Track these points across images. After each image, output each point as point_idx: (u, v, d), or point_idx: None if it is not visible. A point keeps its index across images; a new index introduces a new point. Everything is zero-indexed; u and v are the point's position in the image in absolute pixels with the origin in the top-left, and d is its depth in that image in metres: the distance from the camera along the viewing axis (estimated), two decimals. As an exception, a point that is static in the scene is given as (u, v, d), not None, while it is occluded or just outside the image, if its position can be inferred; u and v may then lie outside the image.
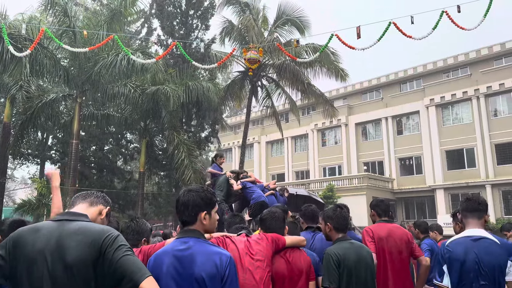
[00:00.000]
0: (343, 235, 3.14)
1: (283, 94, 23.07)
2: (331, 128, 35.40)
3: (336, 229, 3.15)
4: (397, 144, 31.23)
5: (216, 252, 2.04)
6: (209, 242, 2.12)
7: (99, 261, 1.68)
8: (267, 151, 40.25)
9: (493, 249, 2.70)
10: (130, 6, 16.77)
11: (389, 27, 7.95)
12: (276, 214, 3.09)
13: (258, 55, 7.74)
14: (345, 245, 3.04)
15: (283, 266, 2.88)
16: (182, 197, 2.16)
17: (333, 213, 3.19)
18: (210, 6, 20.96)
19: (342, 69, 21.92)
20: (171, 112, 16.51)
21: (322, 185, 29.67)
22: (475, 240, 2.76)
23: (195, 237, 2.08)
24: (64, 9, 14.73)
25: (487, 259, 2.67)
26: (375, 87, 34.43)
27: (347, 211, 3.27)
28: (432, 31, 8.00)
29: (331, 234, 3.18)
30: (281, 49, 11.00)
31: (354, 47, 8.05)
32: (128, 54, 9.26)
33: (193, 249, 2.02)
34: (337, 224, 3.14)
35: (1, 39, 11.95)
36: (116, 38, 9.37)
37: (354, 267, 2.92)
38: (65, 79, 15.87)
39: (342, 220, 3.16)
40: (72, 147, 15.93)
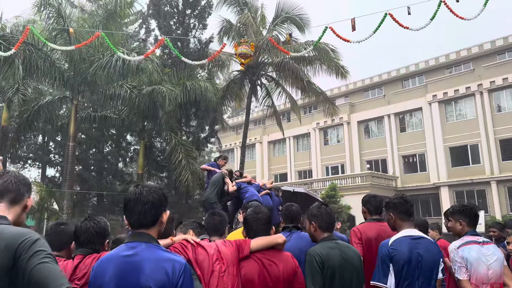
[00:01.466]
0: (328, 235, 2.86)
1: (283, 93, 22.80)
2: (333, 126, 35.05)
3: (321, 228, 2.87)
4: (400, 141, 30.85)
5: (168, 258, 1.79)
6: (162, 248, 1.86)
7: (14, 270, 1.42)
8: (269, 151, 39.97)
9: (432, 248, 2.85)
10: (125, 7, 16.60)
11: (385, 18, 7.68)
12: (260, 215, 2.82)
13: (250, 49, 7.50)
14: (329, 244, 2.77)
15: (254, 270, 2.58)
16: (143, 195, 1.88)
17: (317, 211, 2.92)
18: (207, 5, 20.73)
19: (342, 66, 21.64)
20: (168, 112, 16.30)
21: (325, 184, 29.34)
22: (416, 239, 2.86)
23: (145, 241, 1.83)
24: (58, 10, 14.56)
25: (427, 257, 2.78)
26: (377, 84, 34.06)
27: (332, 209, 2.99)
28: (430, 21, 7.70)
29: (316, 233, 2.91)
30: (274, 43, 10.76)
31: (349, 40, 7.79)
32: (116, 51, 9.04)
33: (142, 255, 1.76)
34: (322, 222, 2.87)
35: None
36: (103, 35, 9.16)
37: (338, 268, 2.65)
38: (60, 81, 15.72)
39: (327, 218, 2.88)
40: (68, 149, 15.77)
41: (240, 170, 8.24)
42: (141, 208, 1.85)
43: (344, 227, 27.89)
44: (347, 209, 27.52)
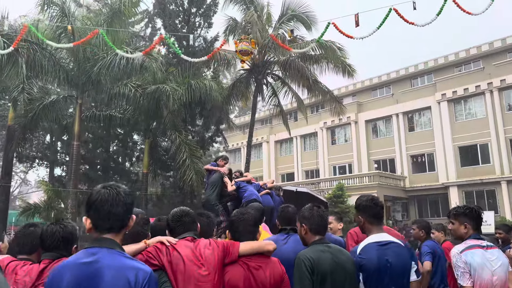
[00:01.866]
0: (320, 238, 2.69)
1: (289, 92, 22.62)
2: (340, 126, 34.75)
3: (312, 230, 2.69)
4: (409, 141, 30.47)
5: (132, 266, 1.63)
6: (125, 255, 1.69)
7: None
8: (276, 151, 39.77)
9: (401, 253, 2.73)
10: (130, 6, 16.48)
11: (390, 13, 7.46)
12: (246, 216, 2.67)
13: (251, 46, 7.33)
14: (320, 248, 2.60)
15: (239, 276, 2.41)
16: (121, 196, 1.74)
17: (309, 212, 2.74)
18: (213, 4, 20.62)
19: (349, 65, 21.39)
20: (173, 111, 16.19)
21: (332, 184, 29.07)
22: (384, 245, 2.74)
23: (107, 247, 1.67)
24: (62, 9, 14.53)
25: (397, 263, 2.68)
26: (385, 83, 33.69)
27: (325, 210, 2.81)
28: (436, 17, 7.47)
29: (306, 236, 2.73)
30: (276, 40, 10.58)
31: (353, 36, 7.59)
32: (114, 49, 8.94)
33: (102, 263, 1.60)
34: (313, 225, 2.69)
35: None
36: (102, 33, 9.05)
37: (329, 273, 2.47)
38: (65, 80, 15.69)
39: (319, 220, 2.70)
40: (73, 148, 15.72)
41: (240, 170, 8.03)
42: (117, 210, 1.71)
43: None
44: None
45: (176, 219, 2.51)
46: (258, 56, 20.97)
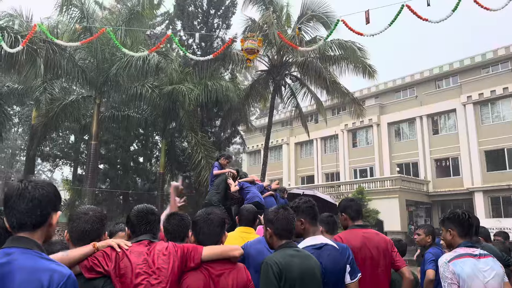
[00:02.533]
0: (286, 242, 2.50)
1: (308, 93, 22.34)
2: (362, 128, 34.12)
3: (278, 235, 2.50)
4: (433, 144, 29.60)
5: (47, 268, 1.49)
6: (43, 255, 1.55)
7: None
8: (296, 153, 39.42)
9: (335, 255, 2.66)
10: (147, 7, 16.64)
11: (402, 10, 7.18)
12: (211, 216, 2.48)
13: (257, 44, 7.18)
14: (289, 252, 2.41)
15: (199, 282, 2.23)
16: (28, 190, 1.58)
17: (274, 215, 2.54)
18: (231, 5, 20.61)
19: (370, 66, 20.93)
20: (189, 112, 16.22)
21: (353, 188, 28.55)
22: (318, 248, 2.65)
23: (23, 247, 1.53)
24: (81, 10, 14.78)
25: (331, 266, 2.61)
26: (409, 85, 32.87)
27: (293, 213, 2.61)
28: (451, 13, 7.13)
29: (271, 240, 2.55)
30: (281, 37, 10.38)
31: (362, 33, 7.32)
32: (120, 48, 8.96)
33: (15, 264, 1.47)
34: (278, 229, 2.50)
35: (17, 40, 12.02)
36: (108, 32, 9.10)
37: (299, 280, 2.29)
38: (84, 81, 15.96)
39: (284, 224, 2.50)
40: (91, 148, 15.96)
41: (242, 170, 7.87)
42: (24, 206, 1.56)
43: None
44: (375, 214, 26.69)
45: (141, 217, 2.34)
46: (276, 57, 20.81)
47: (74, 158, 23.03)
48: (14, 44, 11.70)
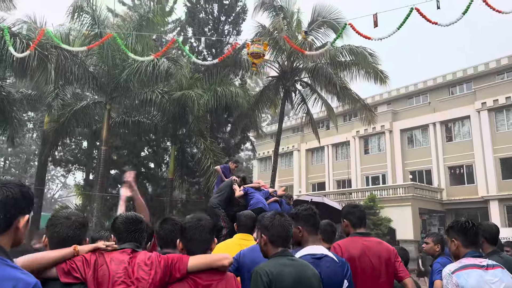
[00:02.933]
0: (282, 250, 2.37)
1: (319, 100, 22.19)
2: (374, 135, 33.76)
3: (272, 242, 2.38)
4: (447, 151, 29.11)
5: (11, 277, 1.39)
6: (8, 262, 1.45)
7: None
8: (307, 159, 39.15)
9: (334, 268, 2.54)
10: (158, 14, 16.74)
11: (411, 13, 7.03)
12: (202, 222, 2.37)
13: (263, 48, 7.09)
14: (282, 261, 2.29)
15: None
16: None
17: (269, 221, 2.42)
18: (242, 11, 20.64)
19: (381, 71, 20.73)
20: (198, 117, 16.21)
21: (365, 195, 28.18)
22: (318, 258, 2.54)
23: None
24: (92, 17, 14.93)
25: (329, 280, 2.46)
26: (422, 91, 32.46)
27: (290, 219, 2.49)
28: (461, 16, 6.96)
29: (266, 248, 2.42)
30: (287, 40, 10.28)
31: (370, 37, 7.19)
32: (127, 52, 8.97)
33: None
34: (273, 236, 2.38)
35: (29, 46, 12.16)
36: (115, 36, 9.13)
37: None
38: (94, 86, 16.08)
39: (280, 231, 2.38)
40: (101, 153, 16.03)
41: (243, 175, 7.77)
42: None
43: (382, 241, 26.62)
44: (387, 222, 26.28)
45: (129, 224, 2.25)
46: (287, 62, 20.75)
47: (86, 164, 23.17)
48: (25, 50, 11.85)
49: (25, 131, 37.73)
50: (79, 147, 25.87)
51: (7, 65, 12.93)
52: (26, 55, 9.45)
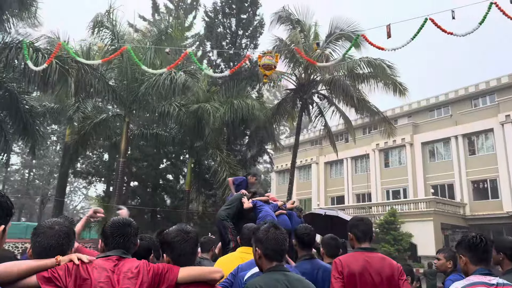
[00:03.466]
0: (277, 264, 2.30)
1: (337, 112, 22.02)
2: (394, 148, 33.21)
3: (266, 255, 2.31)
4: (469, 165, 28.33)
5: None
6: None
7: None
8: (326, 173, 38.74)
9: None
10: (177, 29, 17.04)
11: (425, 23, 6.93)
12: (191, 235, 2.29)
13: (274, 60, 7.10)
14: (275, 276, 2.21)
15: None
16: None
17: (263, 235, 2.35)
18: (259, 25, 20.83)
19: (400, 83, 20.50)
20: (214, 130, 16.30)
21: (385, 209, 27.61)
22: None
23: None
24: (112, 31, 15.30)
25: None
26: (443, 104, 31.85)
27: (285, 233, 2.41)
28: (478, 26, 6.82)
29: (260, 262, 2.35)
30: (299, 52, 10.24)
31: (384, 48, 7.10)
32: (140, 65, 9.11)
33: None
34: (267, 249, 2.30)
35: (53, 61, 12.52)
36: (129, 49, 9.30)
37: None
38: (114, 99, 16.40)
39: (275, 244, 2.31)
40: (119, 165, 16.24)
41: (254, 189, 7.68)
42: None
43: (404, 257, 25.94)
44: (408, 237, 25.64)
45: (116, 228, 2.17)
46: (304, 75, 20.74)
47: (105, 175, 23.54)
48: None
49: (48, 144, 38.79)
50: (100, 159, 26.32)
51: (30, 79, 13.33)
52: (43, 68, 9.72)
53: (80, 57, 14.90)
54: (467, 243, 2.52)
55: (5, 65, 13.22)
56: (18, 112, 14.33)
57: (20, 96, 15.04)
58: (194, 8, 27.97)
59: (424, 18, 6.92)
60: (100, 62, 10.97)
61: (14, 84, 15.14)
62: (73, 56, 9.74)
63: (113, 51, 15.48)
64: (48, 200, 26.46)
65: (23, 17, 14.34)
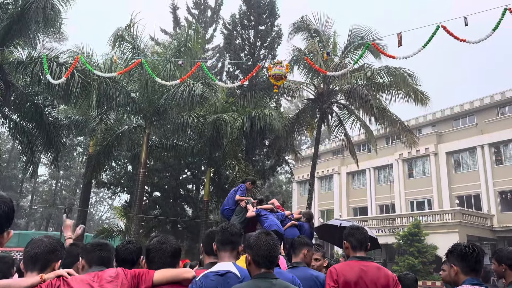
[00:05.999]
0: (264, 272, 2.29)
1: (357, 122, 21.80)
2: (418, 158, 32.55)
3: (256, 262, 2.30)
4: (496, 175, 27.46)
5: None
6: None
7: None
8: (348, 183, 38.23)
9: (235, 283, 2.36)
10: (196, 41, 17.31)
11: (437, 31, 6.84)
12: (164, 246, 2.39)
13: (284, 70, 7.13)
14: (260, 284, 2.20)
15: None
16: None
17: (253, 241, 2.35)
18: (277, 36, 20.96)
19: (421, 92, 20.21)
20: (233, 140, 16.39)
21: (409, 221, 27.01)
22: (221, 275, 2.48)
23: None
24: (133, 45, 15.69)
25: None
26: (468, 112, 31.10)
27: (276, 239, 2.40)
28: (492, 32, 6.69)
29: (250, 268, 2.36)
30: (309, 62, 10.23)
31: (394, 56, 7.03)
32: (154, 77, 9.30)
33: None
34: (256, 256, 2.30)
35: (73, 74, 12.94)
36: (143, 62, 9.52)
37: None
38: (135, 111, 16.75)
39: (263, 250, 2.29)
40: (139, 175, 16.50)
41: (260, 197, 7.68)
42: None
43: (429, 269, 25.23)
44: (433, 250, 24.97)
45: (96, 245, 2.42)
46: (323, 85, 20.69)
47: (129, 186, 23.94)
48: (70, 78, 12.62)
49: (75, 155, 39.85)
50: (124, 169, 26.82)
51: (54, 92, 13.81)
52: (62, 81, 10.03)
53: (103, 71, 15.40)
54: (459, 253, 2.45)
55: (31, 79, 13.76)
56: (42, 125, 14.82)
57: (45, 109, 15.57)
58: (215, 21, 28.41)
59: (436, 26, 6.83)
60: (116, 75, 11.24)
61: (39, 98, 15.71)
62: (90, 69, 10.02)
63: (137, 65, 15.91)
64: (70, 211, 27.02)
65: (48, 32, 14.87)
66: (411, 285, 3.47)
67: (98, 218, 59.38)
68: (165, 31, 28.19)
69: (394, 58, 7.05)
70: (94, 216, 58.45)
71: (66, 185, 47.88)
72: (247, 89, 18.91)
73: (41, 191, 49.20)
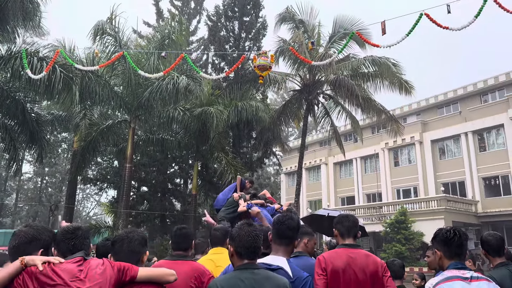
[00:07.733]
0: (247, 263, 2.26)
1: (343, 112, 21.90)
2: (404, 146, 32.91)
3: (239, 254, 2.28)
4: (480, 162, 27.95)
5: None
6: None
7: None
8: (335, 173, 38.53)
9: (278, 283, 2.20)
10: (180, 34, 17.10)
11: (421, 19, 6.86)
12: (131, 235, 2.36)
13: (269, 61, 7.08)
14: (241, 275, 2.18)
15: None
16: None
17: (236, 232, 2.33)
18: (262, 27, 20.84)
19: (406, 81, 20.37)
20: (219, 133, 16.31)
21: (396, 208, 27.36)
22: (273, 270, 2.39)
23: None
24: (115, 38, 15.42)
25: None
26: (452, 100, 31.49)
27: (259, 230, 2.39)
28: (474, 19, 6.73)
29: (233, 260, 2.33)
30: (294, 52, 10.19)
31: (379, 45, 7.05)
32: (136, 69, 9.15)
33: None
34: (239, 247, 2.27)
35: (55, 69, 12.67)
36: (125, 55, 9.36)
37: None
38: (119, 106, 16.52)
39: (246, 241, 2.27)
40: (125, 170, 16.34)
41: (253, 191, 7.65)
42: None
43: (416, 256, 25.65)
44: (420, 236, 25.37)
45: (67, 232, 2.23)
46: (308, 75, 20.69)
47: (115, 181, 23.71)
48: (52, 73, 12.35)
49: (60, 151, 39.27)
50: (110, 165, 26.54)
51: (35, 88, 13.51)
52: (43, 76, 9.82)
53: (85, 65, 15.12)
54: (441, 237, 2.47)
55: (12, 74, 13.42)
56: (25, 121, 14.52)
57: (27, 105, 15.25)
58: (198, 13, 28.11)
59: (420, 14, 6.85)
60: (98, 68, 11.03)
61: (21, 93, 15.37)
62: (71, 63, 9.82)
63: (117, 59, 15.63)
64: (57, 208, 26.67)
65: (28, 26, 14.52)
66: (397, 271, 3.50)
67: (85, 215, 58.73)
68: (148, 23, 27.84)
69: (378, 46, 7.06)
70: (82, 212, 57.80)
71: (52, 182, 47.18)
72: (233, 81, 18.79)
73: (27, 189, 48.42)
